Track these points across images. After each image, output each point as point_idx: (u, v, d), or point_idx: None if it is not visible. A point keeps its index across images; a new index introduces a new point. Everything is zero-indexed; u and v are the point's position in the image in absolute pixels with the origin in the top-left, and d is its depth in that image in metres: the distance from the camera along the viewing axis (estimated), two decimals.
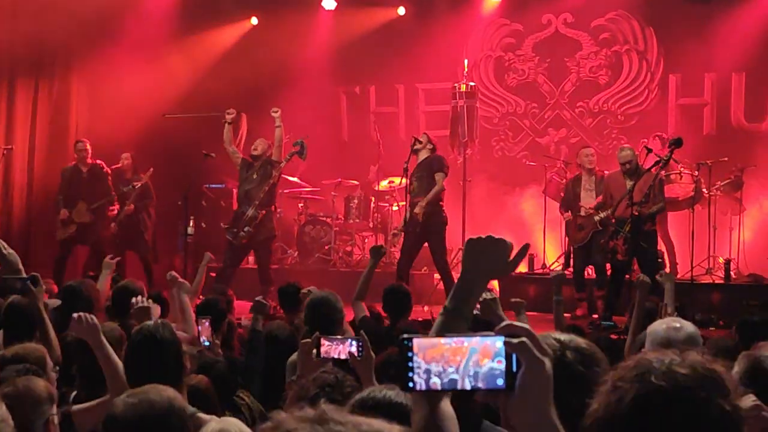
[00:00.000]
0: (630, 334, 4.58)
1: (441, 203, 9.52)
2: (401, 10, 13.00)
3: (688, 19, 11.93)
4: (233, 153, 10.09)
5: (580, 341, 2.09)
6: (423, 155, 9.55)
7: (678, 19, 12.05)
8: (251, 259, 11.27)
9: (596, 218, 9.49)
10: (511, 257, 1.94)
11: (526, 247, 2.01)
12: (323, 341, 3.52)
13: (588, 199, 9.86)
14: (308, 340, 3.63)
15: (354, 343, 3.48)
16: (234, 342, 5.68)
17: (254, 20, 13.53)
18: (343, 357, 3.48)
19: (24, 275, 4.50)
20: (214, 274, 11.72)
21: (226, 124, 9.99)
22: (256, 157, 9.91)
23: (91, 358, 3.60)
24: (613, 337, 6.87)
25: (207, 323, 4.99)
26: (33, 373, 3.21)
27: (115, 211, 11.04)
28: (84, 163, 11.00)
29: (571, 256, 10.15)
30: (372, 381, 3.28)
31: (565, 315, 6.68)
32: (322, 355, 3.49)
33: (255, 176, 9.85)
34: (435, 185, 9.37)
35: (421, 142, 9.53)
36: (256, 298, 5.34)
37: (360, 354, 3.46)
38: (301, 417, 1.27)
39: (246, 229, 9.79)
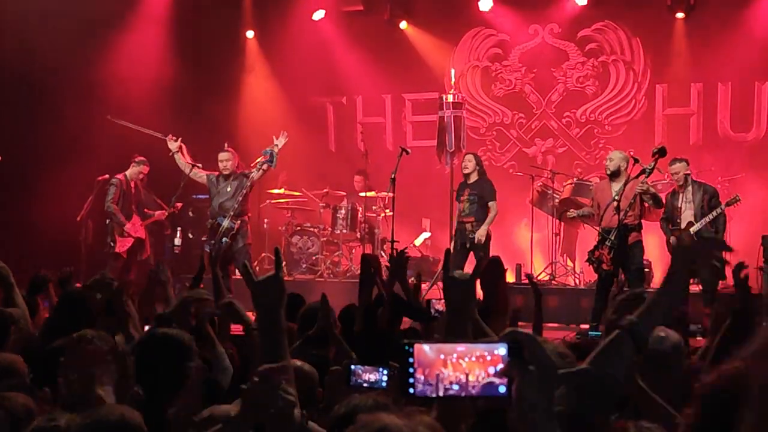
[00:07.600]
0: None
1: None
2: (403, 24, 13.05)
3: (674, 30, 11.98)
4: (195, 175, 9.96)
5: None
6: (473, 177, 9.83)
7: (664, 29, 12.09)
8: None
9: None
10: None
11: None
12: (355, 369, 3.46)
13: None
14: (338, 367, 3.56)
15: (385, 372, 3.43)
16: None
17: (250, 34, 13.56)
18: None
19: None
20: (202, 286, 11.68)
21: (175, 154, 9.93)
22: (227, 174, 9.81)
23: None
24: None
25: None
26: (12, 389, 2.94)
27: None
28: (138, 178, 10.76)
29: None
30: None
31: None
32: (352, 384, 3.43)
33: (228, 189, 9.77)
34: (489, 212, 9.68)
35: (467, 167, 9.82)
36: (223, 301, 4.37)
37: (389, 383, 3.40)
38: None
39: (224, 240, 9.73)
